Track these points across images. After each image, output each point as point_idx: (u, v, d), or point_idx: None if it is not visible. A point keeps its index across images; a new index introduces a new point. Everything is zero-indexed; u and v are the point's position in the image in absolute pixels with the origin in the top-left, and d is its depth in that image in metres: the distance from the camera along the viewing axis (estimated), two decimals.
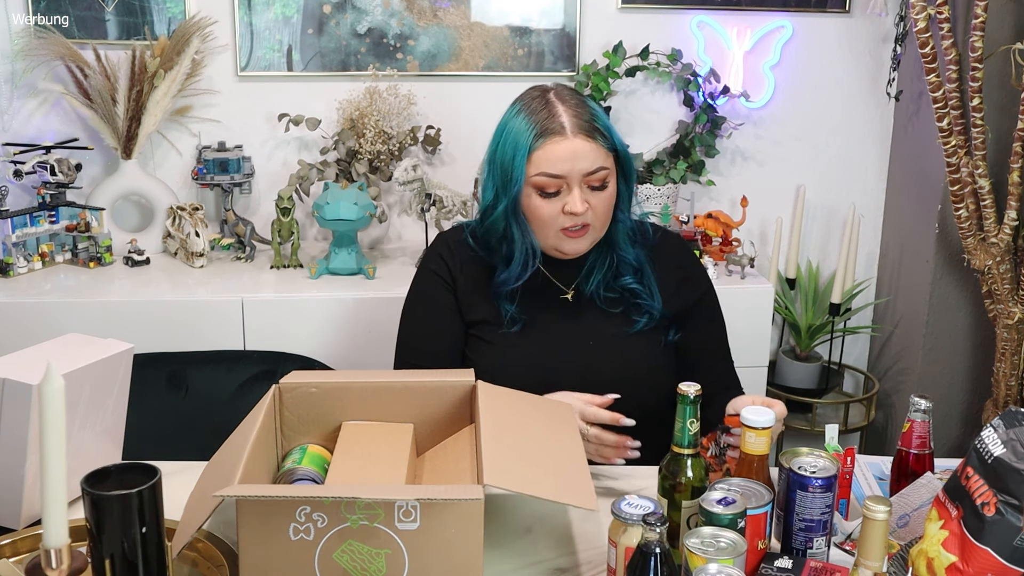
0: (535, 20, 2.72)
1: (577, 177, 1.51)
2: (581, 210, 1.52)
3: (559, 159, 1.51)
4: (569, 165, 1.51)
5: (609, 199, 1.55)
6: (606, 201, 1.55)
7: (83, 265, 2.51)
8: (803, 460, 1.28)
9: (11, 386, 1.24)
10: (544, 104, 1.54)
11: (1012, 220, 2.41)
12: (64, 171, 2.49)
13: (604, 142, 1.53)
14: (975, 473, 1.11)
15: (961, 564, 1.11)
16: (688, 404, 1.21)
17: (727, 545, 1.09)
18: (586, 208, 1.52)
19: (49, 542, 0.97)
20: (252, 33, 2.64)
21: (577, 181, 1.52)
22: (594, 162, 1.51)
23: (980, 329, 2.74)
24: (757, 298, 2.51)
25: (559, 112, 1.52)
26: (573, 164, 1.51)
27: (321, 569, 1.12)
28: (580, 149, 1.50)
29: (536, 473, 1.22)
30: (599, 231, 1.58)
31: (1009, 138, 2.38)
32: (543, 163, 1.51)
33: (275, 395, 1.41)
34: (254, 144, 2.70)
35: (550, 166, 1.51)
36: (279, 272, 2.50)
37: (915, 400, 1.39)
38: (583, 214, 1.53)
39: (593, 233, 1.58)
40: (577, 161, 1.51)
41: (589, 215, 1.54)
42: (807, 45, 2.83)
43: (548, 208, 1.54)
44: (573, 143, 1.50)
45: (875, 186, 2.97)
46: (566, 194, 1.52)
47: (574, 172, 1.51)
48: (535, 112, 1.54)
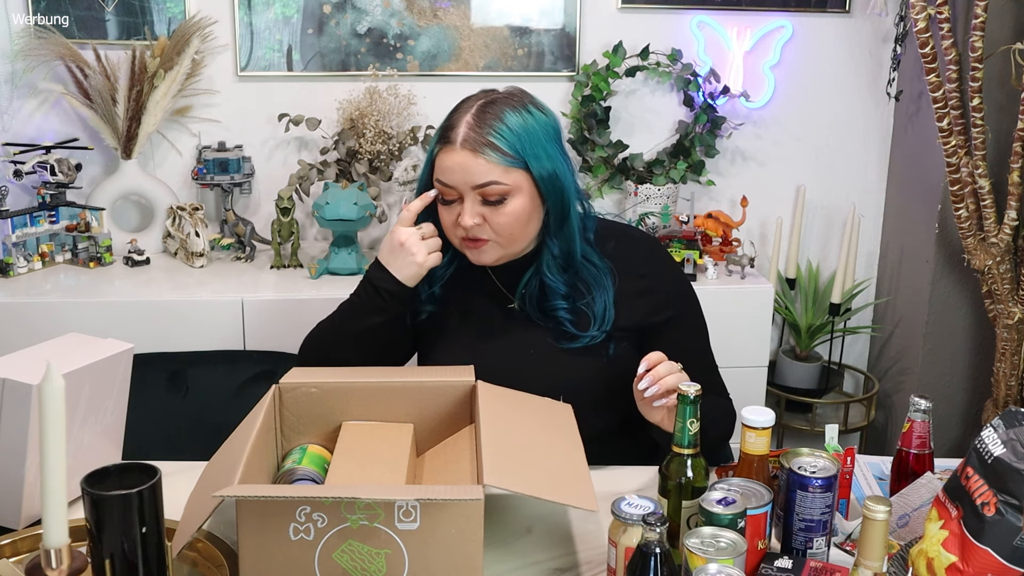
0: (535, 20, 2.72)
1: (467, 189, 1.47)
2: (468, 223, 1.47)
3: (448, 168, 1.48)
4: (457, 176, 1.47)
5: (511, 216, 1.48)
6: (504, 219, 1.48)
7: (83, 265, 2.51)
8: (803, 460, 1.27)
9: (11, 386, 1.24)
10: (459, 108, 1.51)
11: (1012, 220, 2.41)
12: (64, 171, 2.48)
13: (499, 159, 1.45)
14: (975, 473, 1.11)
15: (961, 564, 1.11)
16: (688, 404, 1.21)
17: (727, 545, 1.09)
18: (478, 222, 1.48)
19: (49, 542, 0.97)
20: (252, 33, 2.64)
21: (468, 193, 1.47)
22: (484, 175, 1.46)
23: (980, 329, 2.74)
24: (757, 298, 2.51)
25: (461, 121, 1.48)
26: (460, 175, 1.47)
27: (321, 569, 1.12)
28: (465, 162, 1.46)
29: (536, 473, 1.22)
30: (506, 246, 1.52)
31: (1009, 138, 2.38)
32: (438, 170, 1.50)
33: (275, 395, 1.41)
34: (254, 144, 2.70)
35: (441, 173, 1.49)
36: (279, 272, 2.50)
37: (915, 400, 1.39)
38: (472, 228, 1.48)
39: (497, 248, 1.51)
40: (464, 173, 1.46)
41: (486, 230, 1.49)
42: (807, 45, 2.83)
43: (447, 215, 1.51)
44: (460, 155, 1.46)
45: (875, 186, 2.97)
46: (459, 205, 1.49)
47: (462, 183, 1.47)
48: (450, 114, 1.51)
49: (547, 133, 1.50)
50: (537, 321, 1.57)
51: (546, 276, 1.54)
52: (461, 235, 1.50)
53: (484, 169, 1.45)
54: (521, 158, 1.47)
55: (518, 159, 1.47)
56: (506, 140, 1.46)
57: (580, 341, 1.54)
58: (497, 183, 1.46)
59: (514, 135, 1.46)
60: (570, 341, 1.55)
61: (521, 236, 1.52)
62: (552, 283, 1.54)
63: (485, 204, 1.47)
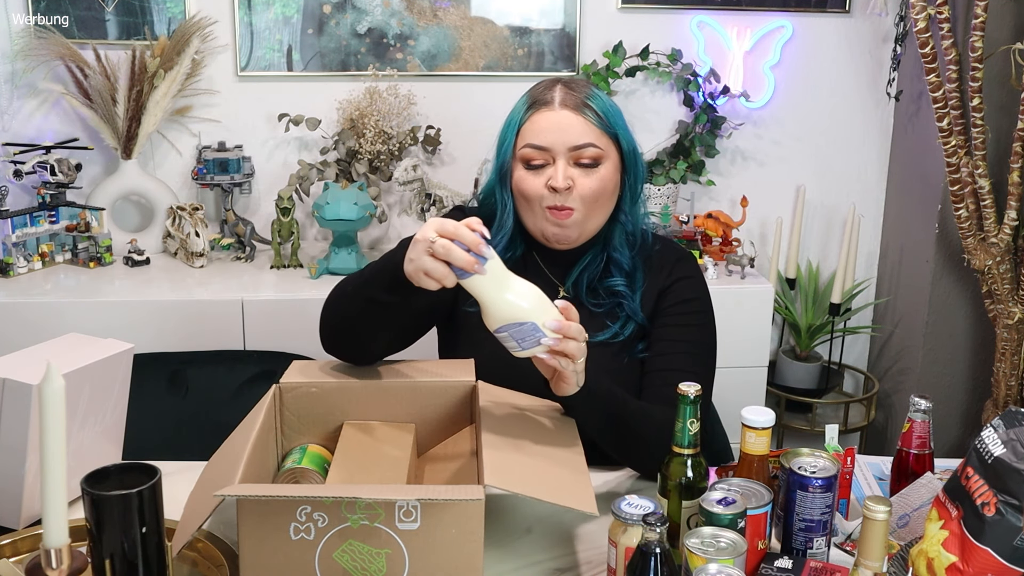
0: (535, 20, 2.72)
1: (562, 150, 1.47)
2: (562, 184, 1.46)
3: (543, 130, 1.47)
4: (554, 136, 1.47)
5: (599, 183, 1.48)
6: (594, 184, 1.48)
7: (83, 265, 2.51)
8: (803, 460, 1.27)
9: (11, 386, 1.24)
10: (546, 84, 1.53)
11: (1012, 220, 2.41)
12: (64, 171, 2.49)
13: (597, 121, 1.48)
14: (975, 473, 1.11)
15: (961, 564, 1.11)
16: (688, 404, 1.20)
17: (727, 545, 1.09)
18: (569, 185, 1.46)
19: (49, 542, 0.97)
20: (252, 33, 2.64)
21: (563, 154, 1.47)
22: (581, 136, 1.47)
23: (980, 329, 2.74)
24: (757, 298, 2.51)
25: (555, 89, 1.50)
26: (558, 135, 1.47)
27: (321, 569, 1.12)
28: (566, 121, 1.47)
29: (537, 474, 1.22)
30: (584, 221, 1.50)
31: (1009, 138, 2.38)
32: (529, 134, 1.49)
33: (275, 395, 1.41)
34: (254, 144, 2.71)
35: (534, 136, 1.48)
36: (279, 272, 2.50)
37: (915, 400, 1.39)
38: (565, 192, 1.47)
39: (579, 223, 1.50)
40: (562, 133, 1.47)
41: (575, 198, 1.48)
42: (807, 45, 2.83)
43: (532, 181, 1.49)
44: (559, 114, 1.47)
45: (875, 186, 2.98)
46: (551, 168, 1.48)
47: (559, 144, 1.47)
48: (534, 90, 1.53)
49: (623, 116, 1.55)
50: (586, 305, 1.55)
51: (615, 249, 1.55)
52: (548, 203, 1.49)
53: (583, 129, 1.47)
54: (613, 129, 1.50)
55: (611, 128, 1.50)
56: (602, 107, 1.50)
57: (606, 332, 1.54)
58: (594, 145, 1.48)
59: (605, 107, 1.50)
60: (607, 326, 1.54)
61: (602, 209, 1.52)
62: (620, 258, 1.55)
63: (577, 167, 1.48)
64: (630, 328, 1.55)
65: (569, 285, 1.58)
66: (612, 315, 1.56)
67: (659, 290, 1.58)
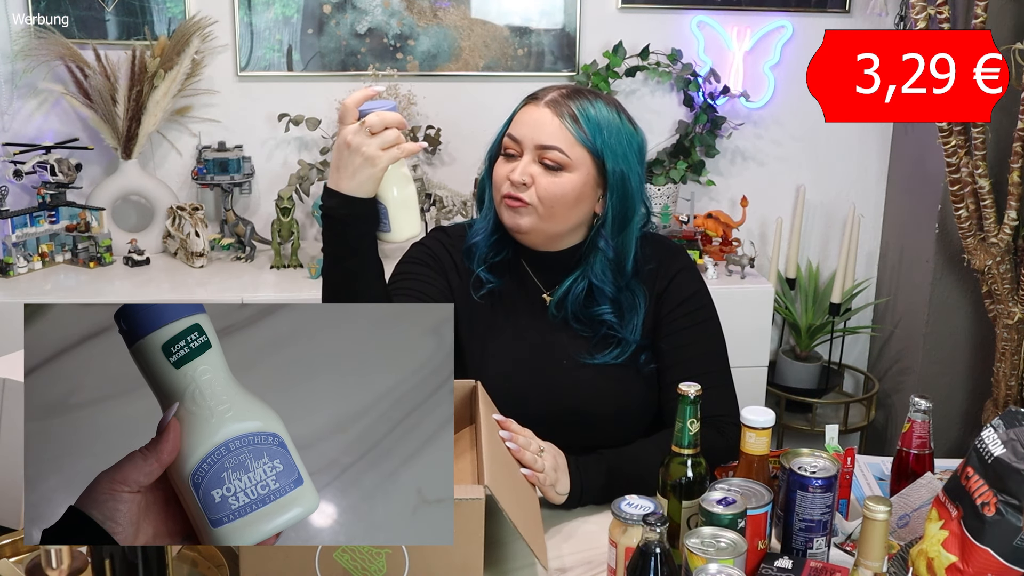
0: (535, 20, 2.72)
1: (530, 145, 1.47)
2: (517, 178, 1.46)
3: (522, 123, 1.49)
4: (527, 131, 1.47)
5: (558, 189, 1.46)
6: (552, 188, 1.46)
7: (83, 265, 2.51)
8: (803, 460, 1.27)
9: (11, 386, 1.24)
10: (552, 86, 1.53)
11: (1012, 220, 2.41)
12: (64, 171, 2.49)
13: (575, 130, 1.46)
14: (975, 473, 1.11)
15: (961, 564, 1.11)
16: (688, 404, 1.20)
17: (727, 545, 1.09)
18: (526, 180, 1.46)
19: None
20: (252, 33, 2.64)
21: (530, 150, 1.47)
22: (551, 137, 1.46)
23: (980, 329, 2.74)
24: (757, 298, 2.51)
25: (555, 90, 1.50)
26: (530, 130, 1.47)
27: (321, 569, 1.12)
28: (543, 119, 1.46)
29: (526, 489, 1.22)
30: (541, 217, 1.48)
31: (1009, 138, 2.38)
32: (514, 124, 1.50)
33: None
34: (254, 144, 2.71)
35: (514, 127, 1.49)
36: (279, 272, 2.50)
37: (915, 400, 1.39)
38: (518, 185, 1.47)
39: (533, 215, 1.48)
40: (534, 129, 1.47)
41: (531, 194, 1.47)
42: (807, 45, 2.82)
43: (500, 168, 1.50)
44: (540, 111, 1.47)
45: (875, 186, 2.98)
46: (517, 161, 1.48)
47: (528, 139, 1.47)
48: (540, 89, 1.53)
49: (630, 142, 1.50)
50: (574, 326, 1.53)
51: (594, 277, 1.51)
52: (505, 191, 1.49)
53: (555, 131, 1.46)
54: (594, 144, 1.47)
55: (590, 142, 1.47)
56: (588, 121, 1.47)
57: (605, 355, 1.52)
58: (560, 150, 1.46)
59: (596, 122, 1.47)
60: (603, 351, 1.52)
61: (562, 215, 1.49)
62: (600, 284, 1.51)
63: (541, 165, 1.47)
64: (630, 351, 1.53)
65: (552, 305, 1.55)
66: (606, 341, 1.53)
67: (657, 293, 1.56)
